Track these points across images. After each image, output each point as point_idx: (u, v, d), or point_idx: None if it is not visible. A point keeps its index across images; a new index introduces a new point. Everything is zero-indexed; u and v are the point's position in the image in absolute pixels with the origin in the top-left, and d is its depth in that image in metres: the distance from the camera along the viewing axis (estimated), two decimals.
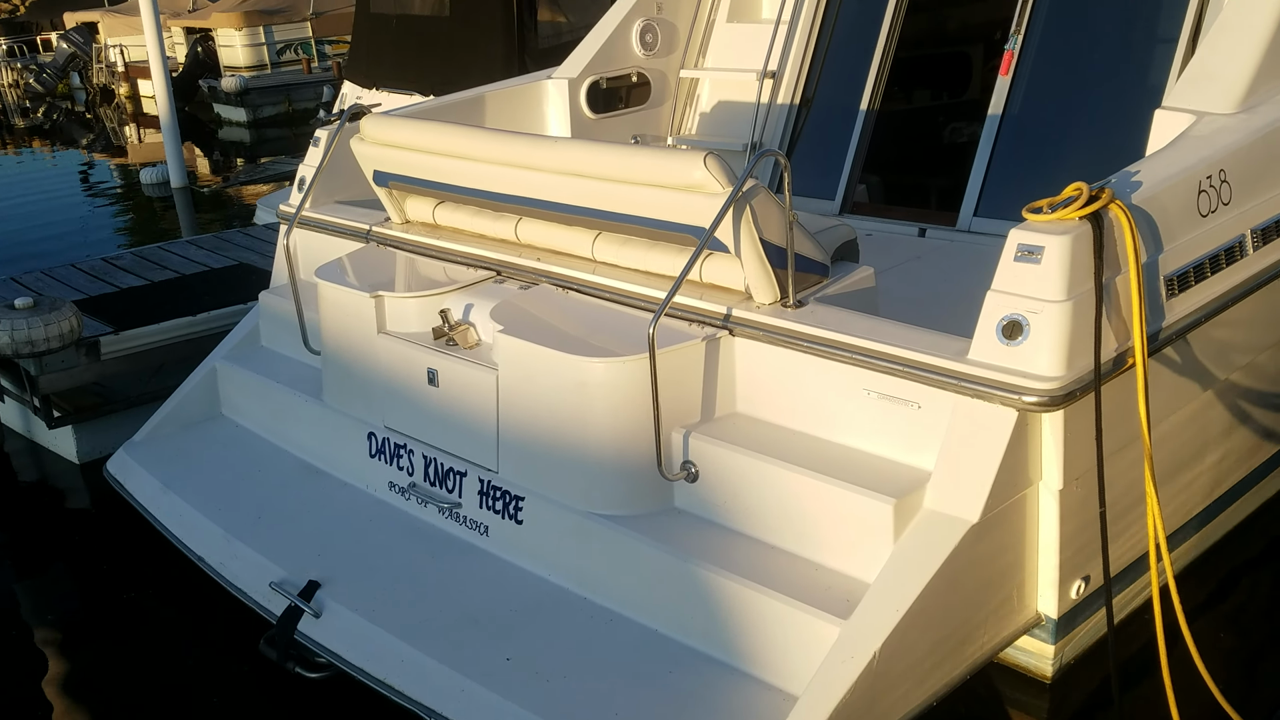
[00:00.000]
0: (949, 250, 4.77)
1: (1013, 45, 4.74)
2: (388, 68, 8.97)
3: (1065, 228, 2.74)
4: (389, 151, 4.03)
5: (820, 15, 5.53)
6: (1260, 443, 3.82)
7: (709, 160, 3.10)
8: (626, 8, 5.71)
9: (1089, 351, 2.74)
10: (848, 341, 3.01)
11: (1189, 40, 4.31)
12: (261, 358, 4.59)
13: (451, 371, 3.54)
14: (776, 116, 5.59)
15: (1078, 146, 4.59)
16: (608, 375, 3.15)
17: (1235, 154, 3.20)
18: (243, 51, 17.14)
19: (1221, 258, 3.13)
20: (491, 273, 3.87)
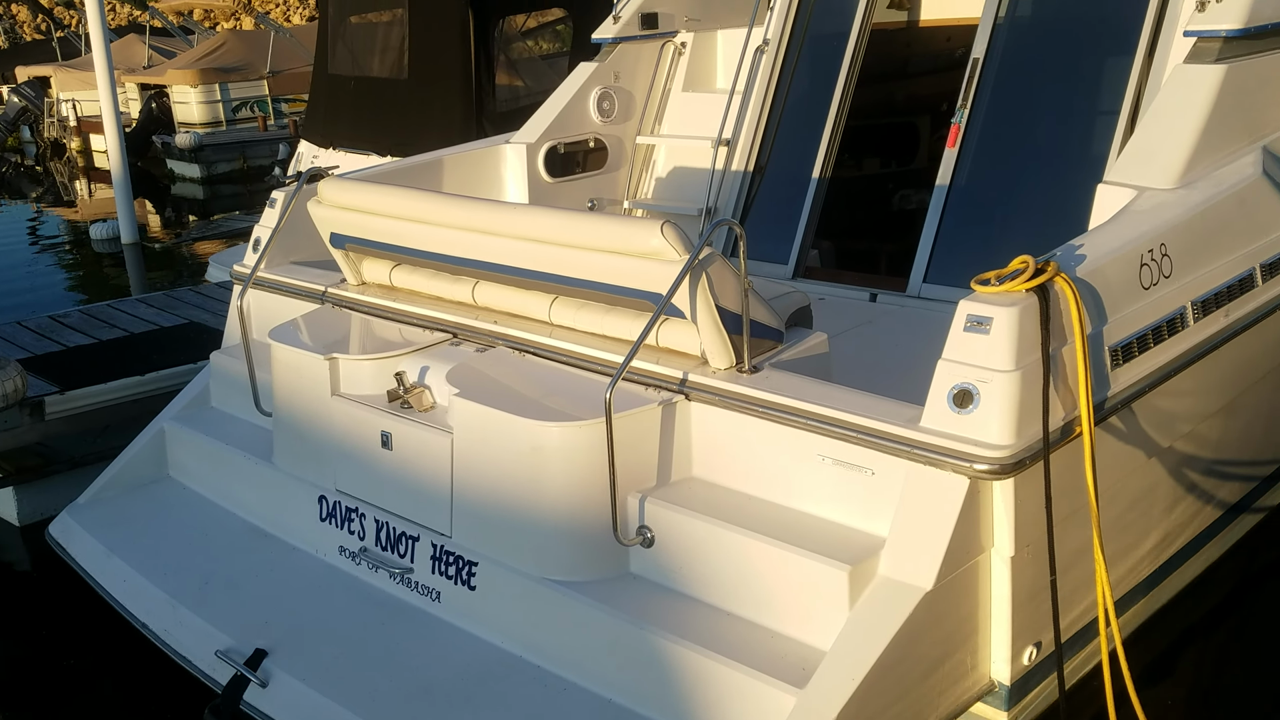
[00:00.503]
0: (899, 315, 4.85)
1: (959, 119, 4.88)
2: (345, 128, 9.00)
3: (1012, 299, 2.80)
4: (346, 214, 4.04)
5: (773, 86, 5.65)
6: (1204, 508, 3.89)
7: (666, 228, 3.14)
8: (584, 76, 5.81)
9: (1038, 420, 2.79)
10: (802, 407, 3.04)
11: (1129, 113, 4.45)
12: (211, 419, 4.53)
13: (405, 434, 3.51)
14: (731, 183, 5.68)
15: (1022, 217, 4.71)
16: (564, 439, 3.15)
17: (1175, 229, 3.31)
18: (198, 108, 17.11)
19: (1164, 329, 3.22)
20: (448, 335, 3.87)
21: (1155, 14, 4.46)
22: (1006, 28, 4.90)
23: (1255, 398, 3.88)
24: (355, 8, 9.02)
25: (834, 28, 5.51)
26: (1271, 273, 3.64)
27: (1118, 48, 4.56)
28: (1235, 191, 3.57)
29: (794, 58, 5.65)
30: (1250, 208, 3.64)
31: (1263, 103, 4.04)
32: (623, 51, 5.91)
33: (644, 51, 6.00)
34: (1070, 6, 4.79)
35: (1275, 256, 3.67)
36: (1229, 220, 3.54)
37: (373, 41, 8.90)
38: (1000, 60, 4.87)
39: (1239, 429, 3.90)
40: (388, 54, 8.78)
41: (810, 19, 5.61)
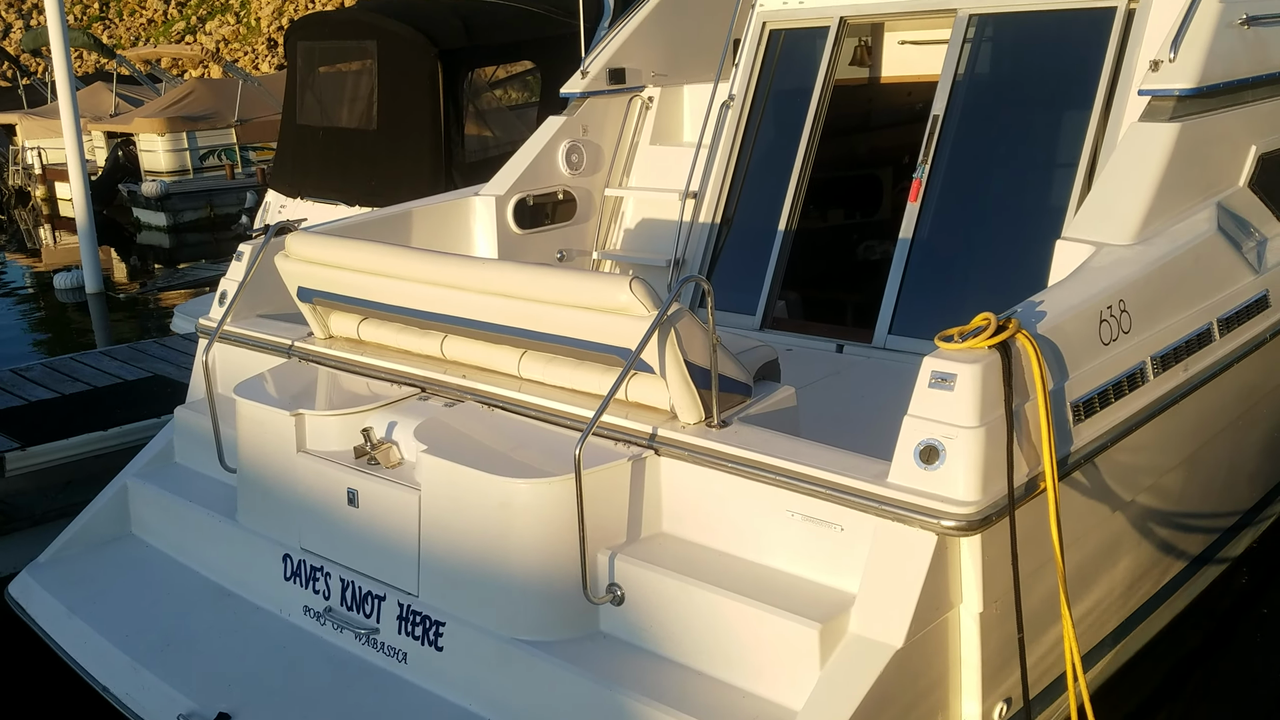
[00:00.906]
0: (866, 367, 4.89)
1: (920, 174, 4.96)
2: (313, 178, 9.00)
3: (975, 356, 2.84)
4: (313, 269, 4.03)
5: (739, 139, 5.73)
6: (1169, 559, 3.93)
7: (634, 284, 3.16)
8: (553, 129, 5.86)
9: (1004, 475, 2.81)
10: (770, 462, 3.05)
11: (1087, 169, 4.54)
12: (175, 475, 4.47)
13: (372, 492, 3.49)
14: (698, 234, 5.73)
15: (984, 270, 4.77)
16: (532, 496, 3.13)
17: (1133, 285, 3.37)
18: (165, 156, 17.03)
19: (1124, 384, 3.26)
20: (416, 389, 3.86)
21: (1110, 72, 4.57)
22: (965, 85, 5.00)
23: (1216, 450, 3.94)
24: (324, 59, 9.06)
25: (797, 84, 5.60)
26: (1229, 327, 3.71)
27: (1074, 105, 4.67)
28: (1192, 247, 3.65)
29: (759, 113, 5.73)
30: (1207, 263, 3.72)
31: (1216, 159, 4.14)
32: (591, 105, 5.98)
33: (612, 105, 6.07)
34: (1028, 64, 4.90)
35: (1233, 311, 3.74)
36: (1186, 276, 3.61)
37: (341, 92, 8.94)
38: (960, 116, 4.97)
39: (1201, 481, 3.95)
40: (356, 105, 8.82)
41: (774, 76, 5.71)
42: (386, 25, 8.38)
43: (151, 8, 35.72)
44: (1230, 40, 4.19)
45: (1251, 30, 4.31)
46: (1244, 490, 4.48)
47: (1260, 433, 4.36)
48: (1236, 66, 4.23)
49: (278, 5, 33.21)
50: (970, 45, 5.01)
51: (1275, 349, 4.00)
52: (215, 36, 33.17)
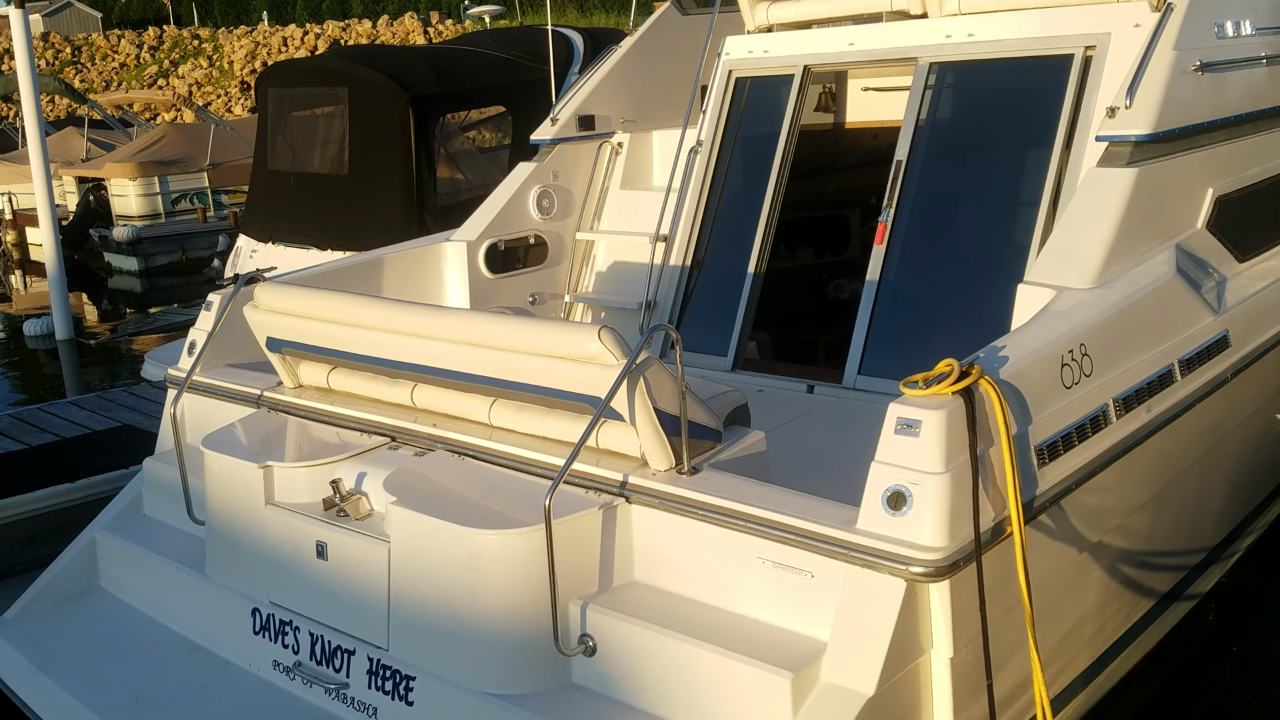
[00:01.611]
0: (836, 407, 4.92)
1: (885, 218, 5.03)
2: (285, 222, 9.00)
3: (940, 403, 2.87)
4: (283, 319, 4.03)
5: (708, 183, 5.79)
6: (1137, 598, 3.95)
7: (603, 333, 3.18)
8: (524, 175, 5.90)
9: (971, 521, 2.83)
10: (740, 509, 3.06)
11: (1047, 212, 4.61)
12: (144, 527, 4.43)
13: (341, 544, 3.47)
14: (669, 277, 5.77)
15: (949, 311, 4.83)
16: (503, 547, 3.13)
17: (1094, 328, 3.41)
18: (136, 201, 16.98)
19: (1087, 427, 3.30)
20: (386, 439, 3.85)
21: (1069, 117, 4.65)
22: (927, 131, 5.08)
23: (1180, 489, 3.98)
24: (295, 105, 9.10)
25: (764, 129, 5.67)
26: (1190, 368, 3.77)
27: (1034, 149, 4.75)
28: (1152, 290, 3.71)
29: (727, 157, 5.79)
30: (1167, 305, 3.78)
31: (1174, 202, 4.22)
32: (561, 151, 6.03)
33: (582, 151, 6.12)
34: (988, 110, 4.99)
35: (1193, 352, 3.80)
36: (1146, 318, 3.66)
37: (313, 138, 8.97)
38: (922, 161, 5.05)
39: (1166, 520, 3.99)
40: (328, 150, 8.84)
41: (741, 121, 5.78)
42: (358, 72, 8.44)
43: (124, 52, 35.73)
44: (1185, 86, 4.28)
45: (1205, 76, 4.41)
46: (1210, 527, 4.52)
47: (1223, 471, 4.41)
48: (1191, 112, 4.32)
49: (250, 49, 33.32)
50: (931, 92, 5.10)
51: (1236, 388, 4.06)
52: (188, 80, 33.18)
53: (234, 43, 34.15)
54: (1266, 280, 4.43)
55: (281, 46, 33.01)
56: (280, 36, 33.38)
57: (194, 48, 35.29)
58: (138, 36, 36.62)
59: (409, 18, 32.65)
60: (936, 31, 5.10)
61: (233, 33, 35.25)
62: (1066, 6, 4.81)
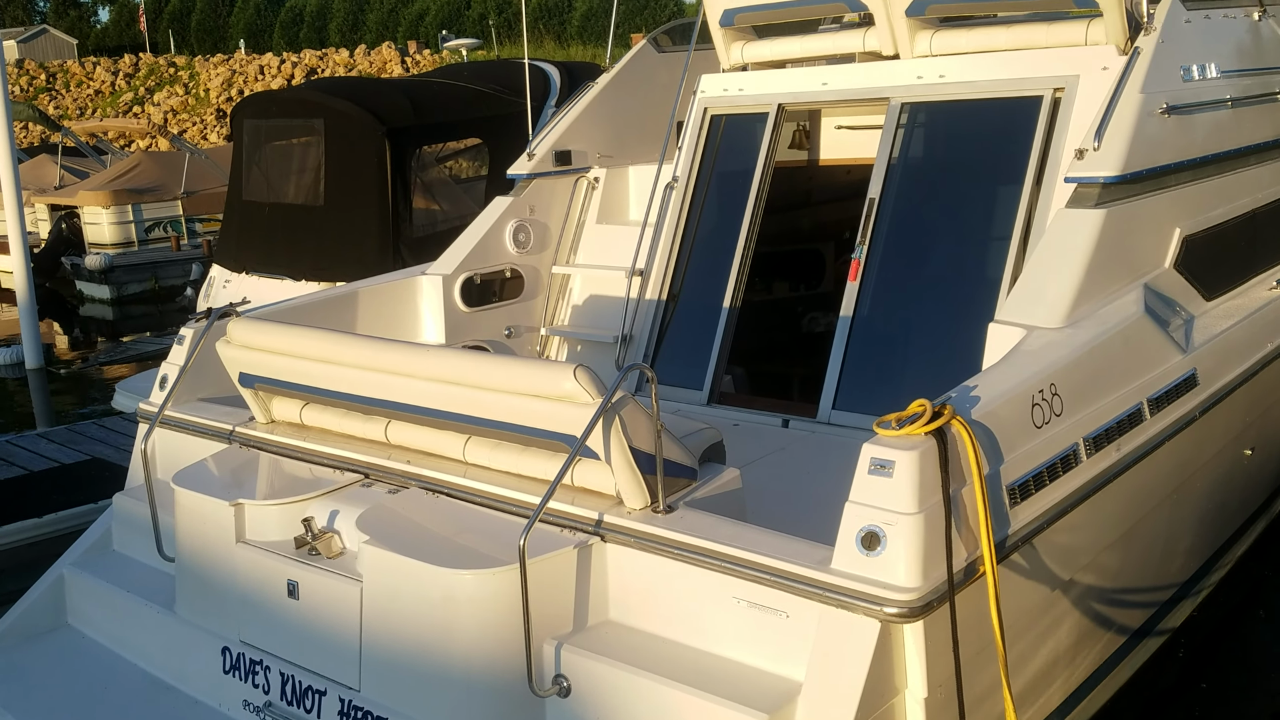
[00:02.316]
0: (811, 442, 4.94)
1: (859, 254, 5.07)
2: (259, 253, 8.98)
3: (912, 443, 2.88)
4: (256, 355, 4.01)
5: (683, 218, 5.82)
6: (1109, 635, 3.98)
7: (579, 372, 3.18)
8: (500, 209, 5.92)
9: (945, 561, 2.85)
10: (715, 549, 3.06)
11: (1018, 250, 4.66)
12: (113, 564, 4.38)
13: (313, 583, 3.44)
14: (645, 310, 5.79)
15: (922, 346, 4.87)
16: (477, 587, 3.11)
17: (1064, 368, 3.45)
18: (109, 229, 16.84)
19: (1058, 466, 3.33)
20: (359, 476, 3.83)
21: (1038, 157, 4.72)
22: (900, 169, 5.14)
23: (1150, 526, 4.02)
24: (270, 135, 9.10)
25: (739, 165, 5.72)
26: (1159, 406, 3.81)
27: (1005, 189, 4.82)
28: (1120, 330, 3.75)
29: (702, 193, 5.84)
30: (1135, 344, 3.82)
31: (1142, 242, 4.28)
32: (538, 186, 6.05)
33: (558, 186, 6.15)
34: (959, 150, 5.06)
35: (1162, 390, 3.84)
36: (1116, 357, 3.71)
37: (288, 169, 8.97)
38: (895, 199, 5.10)
39: (1137, 557, 4.02)
40: (303, 181, 8.84)
41: (717, 158, 5.83)
42: (334, 104, 8.45)
43: (99, 79, 35.60)
44: (1151, 128, 4.36)
45: (1172, 118, 4.49)
46: (1180, 563, 4.56)
47: (1193, 507, 4.46)
48: (1158, 153, 4.40)
49: (226, 77, 33.27)
50: (903, 131, 5.16)
51: (1205, 426, 4.11)
52: (163, 108, 33.09)
53: (210, 70, 34.09)
54: (1233, 318, 4.50)
55: (258, 75, 32.98)
56: (257, 65, 33.35)
57: (170, 75, 35.20)
58: (113, 63, 36.49)
59: (386, 47, 32.71)
60: (908, 72, 5.17)
61: (209, 61, 35.20)
62: (1035, 49, 4.89)
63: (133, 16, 49.24)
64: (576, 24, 34.91)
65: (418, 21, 38.95)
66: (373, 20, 40.94)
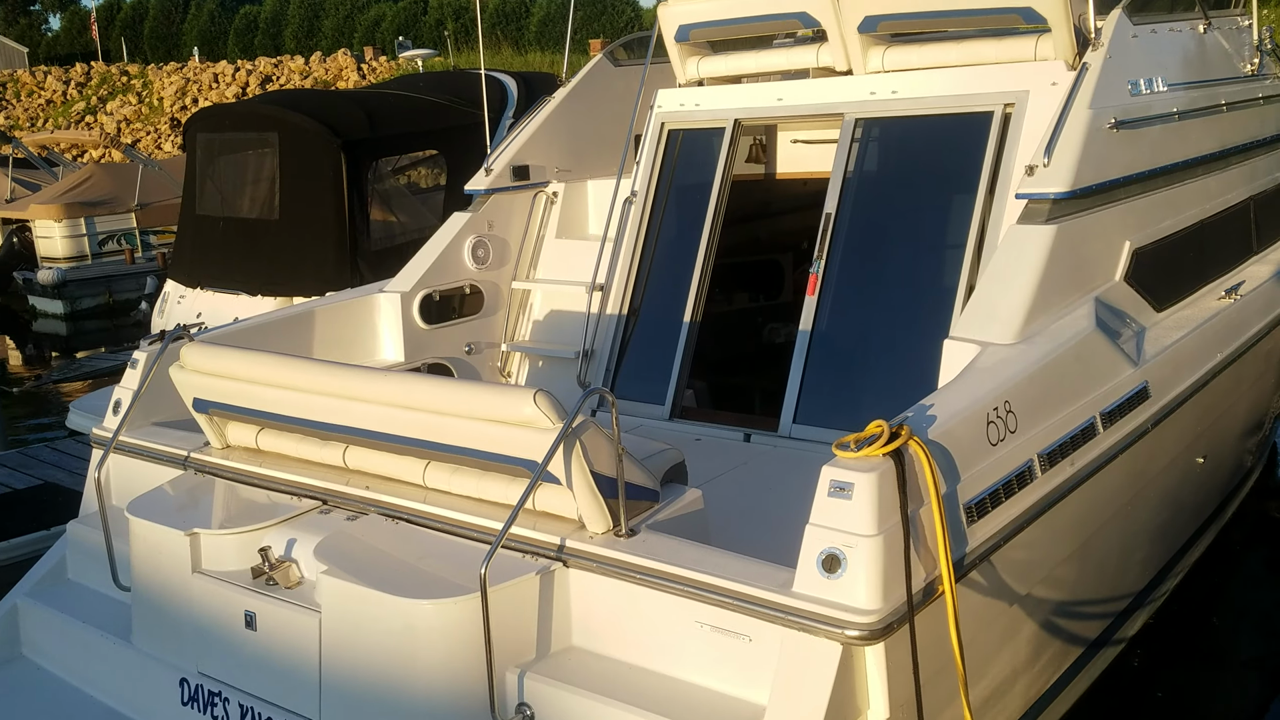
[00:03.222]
0: (772, 456, 4.96)
1: (816, 269, 5.10)
2: (213, 268, 8.87)
3: (871, 465, 2.90)
4: (210, 380, 3.96)
5: (643, 232, 5.83)
6: (1068, 646, 4.02)
7: (539, 397, 3.17)
8: (458, 225, 5.89)
9: (904, 582, 2.87)
10: (678, 573, 3.06)
11: (972, 262, 4.71)
12: (68, 594, 4.31)
13: (270, 614, 3.41)
14: (606, 325, 5.79)
15: (880, 359, 4.91)
16: (437, 616, 3.09)
17: (1018, 385, 3.49)
18: (62, 243, 16.57)
19: (1014, 483, 3.37)
20: (317, 502, 3.79)
21: (990, 171, 4.77)
22: (855, 183, 5.18)
23: (1105, 538, 4.07)
24: (224, 149, 8.99)
25: (697, 179, 5.74)
26: (1111, 420, 3.86)
27: (958, 203, 4.86)
28: (1073, 345, 3.80)
29: (661, 207, 5.84)
30: (1087, 359, 3.87)
31: (1092, 257, 4.34)
32: (496, 201, 6.03)
33: (517, 201, 6.13)
34: (913, 164, 5.11)
35: (1114, 404, 3.90)
36: (1068, 373, 3.75)
37: (242, 183, 8.87)
38: (851, 213, 5.14)
39: (1092, 569, 4.07)
40: (258, 195, 8.75)
41: (675, 172, 5.84)
42: (288, 118, 8.37)
43: (50, 88, 35.02)
44: (1100, 143, 4.42)
45: (1120, 133, 4.56)
46: (1135, 573, 4.63)
47: (1147, 517, 4.52)
48: (1107, 168, 4.46)
49: (181, 85, 32.85)
50: (858, 146, 5.20)
51: (1157, 437, 4.17)
52: (116, 117, 32.62)
53: (164, 79, 33.63)
54: (1184, 329, 4.57)
55: (213, 83, 32.59)
56: (211, 73, 32.94)
57: (123, 84, 34.70)
58: (65, 73, 35.90)
59: (342, 54, 32.44)
60: (861, 88, 5.21)
61: (162, 69, 34.73)
62: (986, 65, 4.95)
63: (84, 24, 48.52)
64: (534, 30, 34.85)
65: (374, 28, 38.68)
66: (328, 27, 40.60)
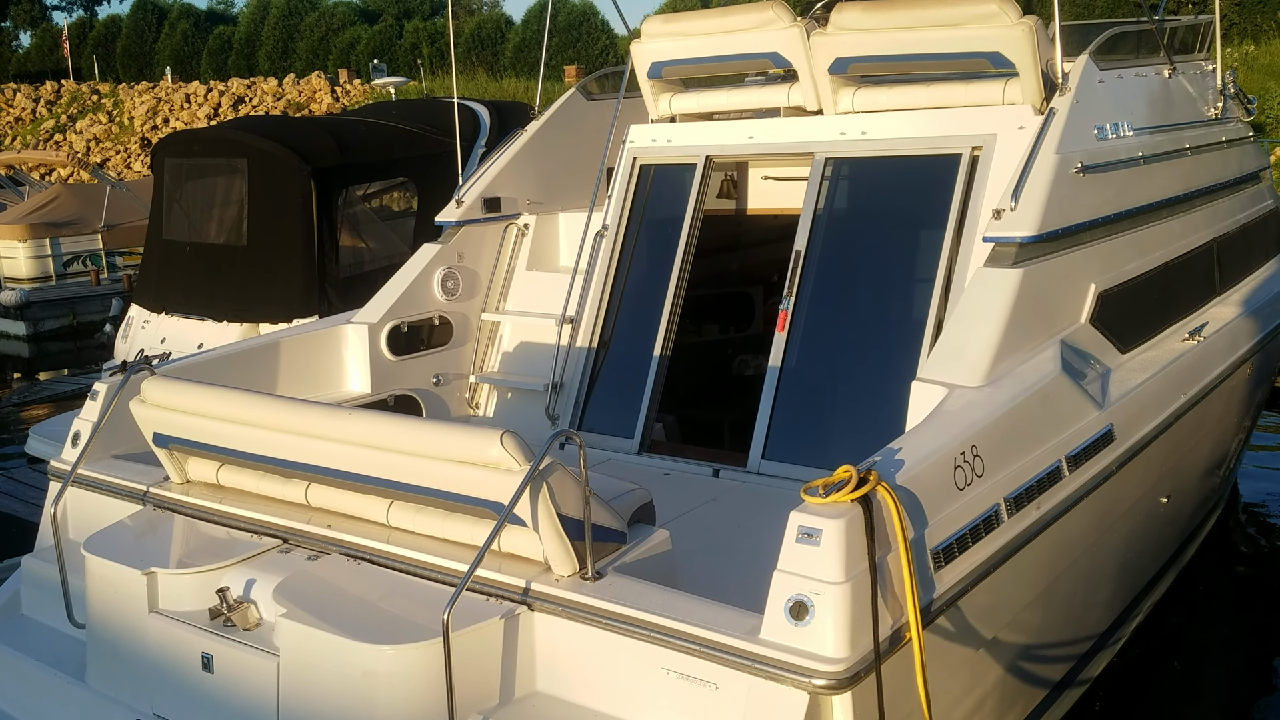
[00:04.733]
0: (741, 492, 4.94)
1: (786, 305, 5.11)
2: (179, 293, 8.79)
3: (839, 511, 2.89)
4: (171, 415, 3.90)
5: (614, 266, 5.82)
6: (1031, 689, 4.02)
7: (505, 439, 3.14)
8: (428, 257, 5.85)
9: (870, 630, 2.85)
10: (644, 619, 3.03)
11: (940, 299, 4.73)
12: (21, 630, 4.22)
13: (227, 656, 3.34)
14: (575, 358, 5.76)
15: (848, 397, 4.91)
16: (398, 662, 3.04)
17: (985, 430, 3.50)
18: (26, 263, 16.36)
19: (980, 527, 3.36)
20: (278, 540, 3.73)
21: (958, 212, 4.81)
22: (825, 221, 5.20)
23: (1070, 580, 4.08)
24: (192, 174, 8.92)
25: (668, 213, 5.74)
26: (1077, 463, 3.88)
27: (926, 242, 4.90)
28: (1039, 389, 3.82)
29: (632, 241, 5.84)
30: (1053, 403, 3.89)
31: (1058, 300, 4.37)
32: (467, 232, 6.00)
33: (487, 232, 6.11)
34: (882, 204, 5.14)
35: (1080, 448, 3.91)
36: (1034, 417, 3.77)
37: (210, 208, 8.79)
38: (821, 251, 5.16)
39: (1057, 610, 4.08)
40: (226, 221, 8.68)
41: (646, 206, 5.85)
42: (258, 144, 8.32)
43: (19, 106, 34.63)
44: (1066, 188, 4.47)
45: (1086, 177, 4.61)
46: (1099, 614, 4.64)
47: (1111, 558, 4.54)
48: (1073, 212, 4.51)
49: (152, 105, 32.58)
50: (828, 184, 5.23)
51: (1122, 479, 4.19)
52: (86, 136, 32.31)
53: (135, 98, 33.35)
54: (1148, 371, 4.61)
55: (184, 103, 32.34)
56: (183, 93, 32.69)
57: (93, 102, 34.38)
58: (34, 90, 35.53)
59: (316, 76, 32.30)
60: (831, 128, 5.24)
61: (134, 88, 34.45)
62: (954, 108, 5.00)
63: (55, 41, 48.10)
64: (509, 55, 34.90)
65: (348, 51, 38.58)
66: (303, 48, 40.45)
